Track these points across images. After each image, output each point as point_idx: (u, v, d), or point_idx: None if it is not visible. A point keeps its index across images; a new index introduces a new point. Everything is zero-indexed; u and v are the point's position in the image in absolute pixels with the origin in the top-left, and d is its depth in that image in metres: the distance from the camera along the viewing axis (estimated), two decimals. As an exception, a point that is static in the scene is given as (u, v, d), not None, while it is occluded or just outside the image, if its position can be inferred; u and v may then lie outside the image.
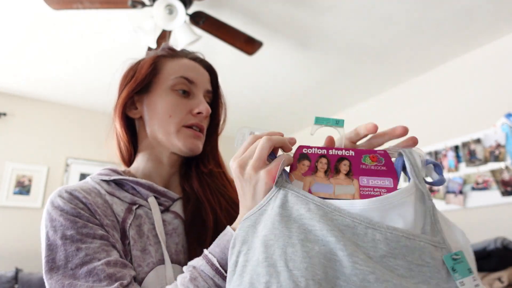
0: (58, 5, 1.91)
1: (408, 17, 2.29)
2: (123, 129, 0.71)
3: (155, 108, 0.69)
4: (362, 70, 2.93)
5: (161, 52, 0.74)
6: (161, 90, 0.69)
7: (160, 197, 0.65)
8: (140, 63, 0.72)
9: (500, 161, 2.35)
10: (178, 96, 0.69)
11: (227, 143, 3.70)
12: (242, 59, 2.70)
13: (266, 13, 2.25)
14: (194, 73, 0.71)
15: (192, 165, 0.73)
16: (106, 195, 0.61)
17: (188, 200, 0.67)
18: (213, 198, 0.66)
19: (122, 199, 0.62)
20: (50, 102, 3.43)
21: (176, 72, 0.70)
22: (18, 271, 2.60)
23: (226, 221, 0.63)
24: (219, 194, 0.68)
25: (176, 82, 0.69)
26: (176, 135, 0.67)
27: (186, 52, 0.76)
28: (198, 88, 0.71)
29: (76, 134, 3.43)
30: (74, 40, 2.52)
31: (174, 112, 0.67)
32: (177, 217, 0.64)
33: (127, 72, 0.73)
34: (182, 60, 0.73)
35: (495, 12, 2.25)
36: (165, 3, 1.81)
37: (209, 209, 0.64)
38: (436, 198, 2.65)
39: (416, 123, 2.94)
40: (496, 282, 1.86)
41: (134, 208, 0.61)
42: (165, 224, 0.62)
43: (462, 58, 2.74)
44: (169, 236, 0.61)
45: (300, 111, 3.72)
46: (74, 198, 0.57)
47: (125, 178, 0.64)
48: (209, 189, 0.68)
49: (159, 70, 0.71)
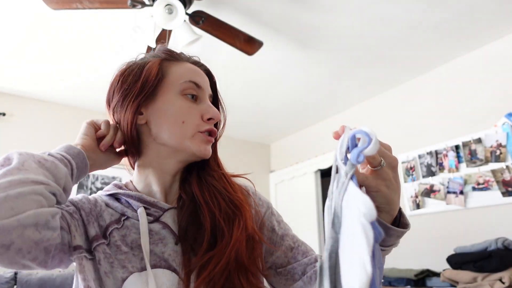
0: (57, 5, 1.91)
1: (408, 17, 2.28)
2: (132, 141, 0.68)
3: (165, 113, 0.67)
4: (362, 70, 2.92)
5: (162, 55, 0.72)
6: (170, 95, 0.68)
7: (150, 207, 0.65)
8: (144, 69, 0.68)
9: (501, 161, 2.34)
10: (188, 101, 0.68)
11: (228, 143, 3.73)
12: (242, 59, 2.70)
13: (266, 13, 2.25)
14: (200, 78, 0.71)
15: (192, 170, 0.72)
16: (102, 205, 0.65)
17: (183, 205, 0.67)
18: (211, 201, 0.66)
19: (115, 209, 0.66)
20: (50, 102, 3.43)
21: (183, 77, 0.69)
22: (17, 272, 2.59)
23: (225, 223, 0.63)
24: (219, 196, 0.67)
25: (186, 87, 0.68)
26: (190, 140, 0.66)
27: (186, 56, 0.75)
28: (204, 92, 0.71)
29: (75, 135, 3.42)
30: (74, 40, 2.51)
31: (187, 118, 0.67)
32: (165, 227, 0.64)
33: (129, 78, 0.69)
34: (185, 64, 0.72)
35: (495, 12, 2.25)
36: (165, 3, 1.81)
37: (207, 211, 0.64)
38: (436, 198, 2.64)
39: (416, 123, 2.94)
40: (497, 282, 1.85)
41: (122, 219, 0.64)
42: (152, 234, 0.62)
43: (462, 58, 2.74)
44: (154, 245, 0.61)
45: (301, 111, 3.71)
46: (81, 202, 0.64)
47: (118, 192, 0.67)
48: (208, 191, 0.67)
49: (165, 74, 0.69)
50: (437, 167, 2.68)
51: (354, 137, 0.45)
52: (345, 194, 0.42)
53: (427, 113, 2.89)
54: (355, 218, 0.36)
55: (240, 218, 0.64)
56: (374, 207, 0.36)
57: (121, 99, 0.68)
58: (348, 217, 0.40)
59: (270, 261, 0.71)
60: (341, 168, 0.44)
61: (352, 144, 0.45)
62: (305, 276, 0.68)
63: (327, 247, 0.40)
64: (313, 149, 3.91)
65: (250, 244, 0.63)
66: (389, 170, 0.51)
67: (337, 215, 0.42)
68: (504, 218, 2.29)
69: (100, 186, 3.42)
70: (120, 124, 0.70)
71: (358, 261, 0.33)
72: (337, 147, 0.47)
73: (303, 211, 3.83)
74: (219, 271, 0.57)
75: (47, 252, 0.51)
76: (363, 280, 0.32)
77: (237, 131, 4.19)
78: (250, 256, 0.63)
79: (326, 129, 3.85)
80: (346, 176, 0.42)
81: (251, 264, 0.62)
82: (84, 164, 0.62)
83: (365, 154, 0.42)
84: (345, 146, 0.45)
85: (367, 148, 0.42)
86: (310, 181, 3.89)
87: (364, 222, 0.35)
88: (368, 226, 0.34)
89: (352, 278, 0.34)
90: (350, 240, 0.37)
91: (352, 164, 0.43)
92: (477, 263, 1.97)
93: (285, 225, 0.76)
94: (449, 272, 2.11)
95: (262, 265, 0.67)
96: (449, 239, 2.48)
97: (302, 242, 0.74)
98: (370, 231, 0.34)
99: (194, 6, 2.08)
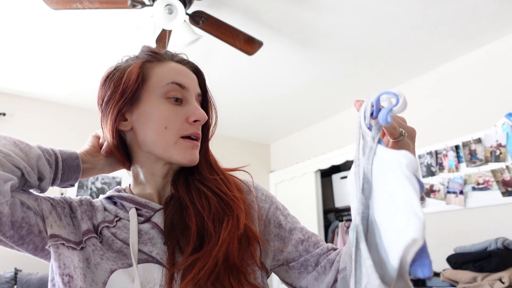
0: (57, 5, 1.91)
1: (408, 17, 2.28)
2: (117, 149, 0.69)
3: (148, 119, 0.65)
4: (362, 70, 2.92)
5: (144, 56, 0.69)
6: (152, 98, 0.66)
7: (142, 208, 0.66)
8: (125, 73, 0.67)
9: (501, 161, 2.34)
10: (171, 105, 0.66)
11: (228, 143, 3.72)
12: (242, 59, 2.70)
13: (266, 13, 2.25)
14: (185, 78, 0.68)
15: (182, 171, 0.71)
16: (99, 207, 0.67)
17: (167, 206, 0.66)
18: (199, 202, 0.64)
19: (110, 212, 0.67)
20: (50, 102, 3.43)
21: (166, 78, 0.66)
22: (17, 271, 2.59)
23: (213, 224, 0.61)
24: (210, 197, 0.65)
25: (168, 89, 0.66)
26: (174, 148, 0.65)
27: (170, 54, 0.71)
28: (190, 93, 0.68)
29: (75, 134, 3.43)
30: (74, 40, 2.51)
31: (170, 123, 0.65)
32: (154, 227, 0.64)
33: (110, 84, 0.68)
34: (169, 64, 0.69)
35: (495, 12, 2.25)
36: (165, 3, 1.81)
37: (193, 213, 0.63)
38: (436, 198, 2.64)
39: (416, 123, 2.93)
40: (497, 282, 1.85)
41: (115, 220, 0.65)
42: (141, 234, 0.63)
43: (462, 58, 2.74)
44: (143, 244, 0.62)
45: (300, 111, 3.71)
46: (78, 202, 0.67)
47: (113, 194, 0.69)
48: (196, 192, 0.66)
49: (147, 77, 0.67)
50: (437, 167, 2.69)
51: (378, 101, 0.44)
52: (374, 158, 0.42)
53: (427, 113, 2.89)
54: (397, 172, 0.36)
55: (230, 218, 0.62)
56: (415, 158, 0.37)
57: (104, 105, 0.68)
58: (381, 179, 0.40)
59: (282, 258, 0.69)
60: (366, 135, 0.44)
61: (377, 109, 0.44)
62: (319, 266, 0.66)
63: (358, 213, 0.41)
64: (313, 149, 3.91)
65: (244, 243, 0.62)
66: (409, 140, 0.51)
67: (367, 180, 0.42)
68: (504, 218, 2.29)
69: (100, 186, 3.42)
70: (103, 131, 0.70)
71: (406, 211, 0.33)
72: (360, 114, 0.46)
73: (303, 211, 3.83)
74: (205, 273, 0.56)
75: (8, 226, 0.54)
76: (418, 226, 0.32)
77: (237, 131, 4.19)
78: (244, 256, 0.61)
79: (326, 129, 3.85)
80: (374, 141, 0.42)
81: (244, 264, 0.61)
82: (76, 163, 0.65)
83: (395, 112, 0.41)
84: (369, 111, 0.45)
85: (397, 106, 0.41)
86: (310, 181, 3.89)
87: (408, 173, 0.35)
88: (412, 177, 0.35)
89: (401, 231, 0.33)
90: (389, 199, 0.37)
91: (378, 127, 0.43)
92: (477, 263, 1.97)
93: (292, 218, 0.73)
94: (449, 272, 2.11)
95: (260, 261, 0.66)
96: (449, 239, 2.48)
97: (313, 233, 0.72)
98: (415, 181, 0.35)
99: (194, 6, 2.08)
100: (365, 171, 0.42)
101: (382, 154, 0.41)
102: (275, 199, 0.75)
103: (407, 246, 0.32)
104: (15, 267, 2.64)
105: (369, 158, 0.42)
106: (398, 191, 0.36)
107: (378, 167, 0.41)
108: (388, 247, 0.36)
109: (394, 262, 0.33)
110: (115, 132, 0.67)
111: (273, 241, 0.69)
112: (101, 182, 3.44)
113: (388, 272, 0.34)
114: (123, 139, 0.70)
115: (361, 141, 0.46)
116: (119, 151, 0.69)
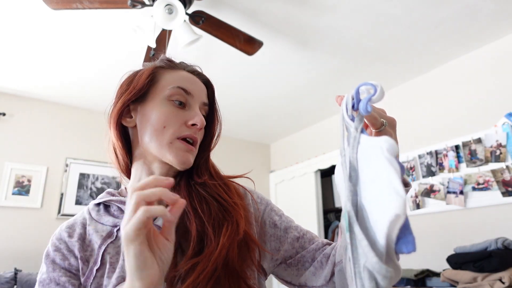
0: (57, 5, 1.90)
1: (408, 17, 2.28)
2: (118, 139, 0.71)
3: (150, 117, 0.68)
4: (362, 70, 2.93)
5: (159, 63, 0.74)
6: (157, 100, 0.69)
7: None
8: (138, 73, 0.72)
9: (501, 161, 2.34)
10: (174, 107, 0.69)
11: (228, 143, 3.72)
12: (242, 59, 2.70)
13: (266, 13, 2.25)
14: (191, 85, 0.71)
15: (183, 175, 0.72)
16: (90, 225, 0.66)
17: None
18: (200, 207, 0.65)
19: (105, 224, 0.66)
20: (50, 102, 3.43)
21: (173, 83, 0.70)
22: (17, 271, 2.59)
23: (213, 229, 0.62)
24: (211, 202, 0.66)
25: (173, 93, 0.69)
26: (168, 147, 0.66)
27: (184, 65, 0.76)
28: (195, 100, 0.71)
29: (75, 135, 3.43)
30: (74, 40, 2.51)
31: (168, 123, 0.67)
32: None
33: (125, 82, 0.73)
34: (180, 71, 0.73)
35: (496, 12, 2.25)
36: (165, 3, 1.81)
37: (193, 217, 0.63)
38: (436, 198, 2.64)
39: (416, 123, 2.94)
40: (497, 282, 1.85)
41: (115, 230, 0.65)
42: None
43: (462, 58, 2.74)
44: None
45: (301, 111, 3.71)
46: (60, 240, 0.66)
47: (111, 199, 0.69)
48: (197, 198, 0.66)
49: (156, 80, 0.71)
50: (437, 167, 2.68)
51: (358, 93, 0.47)
52: (358, 147, 0.45)
53: (427, 113, 2.89)
54: (379, 156, 0.39)
55: (230, 224, 0.62)
56: (395, 142, 0.39)
57: (115, 102, 0.72)
58: (366, 165, 0.42)
59: (280, 257, 0.70)
60: (349, 126, 0.47)
61: (357, 100, 0.47)
62: (316, 261, 0.68)
63: (348, 199, 0.43)
64: (313, 149, 3.91)
65: (244, 248, 0.62)
66: (391, 129, 0.54)
67: (354, 168, 0.44)
68: (504, 218, 2.29)
69: (100, 186, 3.42)
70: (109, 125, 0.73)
71: (388, 191, 0.36)
72: (342, 107, 0.49)
73: (303, 211, 3.83)
74: (205, 277, 0.56)
75: None
76: (399, 202, 0.34)
77: (237, 131, 4.19)
78: (243, 261, 0.62)
79: (326, 129, 3.85)
80: (357, 131, 0.45)
81: (244, 269, 0.61)
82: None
83: (373, 101, 0.44)
84: (351, 103, 0.48)
85: (375, 95, 0.44)
86: (310, 181, 3.89)
87: (389, 156, 0.37)
88: (393, 159, 0.37)
89: (385, 209, 0.35)
90: (374, 182, 0.40)
91: (360, 118, 0.46)
92: (477, 263, 1.97)
93: (287, 217, 0.75)
94: (449, 272, 2.11)
95: (260, 264, 0.66)
96: (449, 239, 2.48)
97: (307, 230, 0.75)
98: (396, 163, 0.37)
99: (194, 6, 2.08)
100: (351, 160, 0.45)
101: (365, 142, 0.44)
102: (270, 201, 0.78)
103: (391, 222, 0.34)
104: (15, 267, 2.64)
105: (354, 147, 0.45)
106: (380, 174, 0.38)
107: (362, 155, 0.44)
108: (374, 226, 0.38)
109: (382, 240, 0.35)
110: (117, 123, 0.70)
111: (270, 242, 0.71)
112: (101, 182, 3.44)
113: (380, 252, 0.36)
114: (127, 136, 0.74)
115: (345, 133, 0.49)
116: (121, 143, 0.71)
